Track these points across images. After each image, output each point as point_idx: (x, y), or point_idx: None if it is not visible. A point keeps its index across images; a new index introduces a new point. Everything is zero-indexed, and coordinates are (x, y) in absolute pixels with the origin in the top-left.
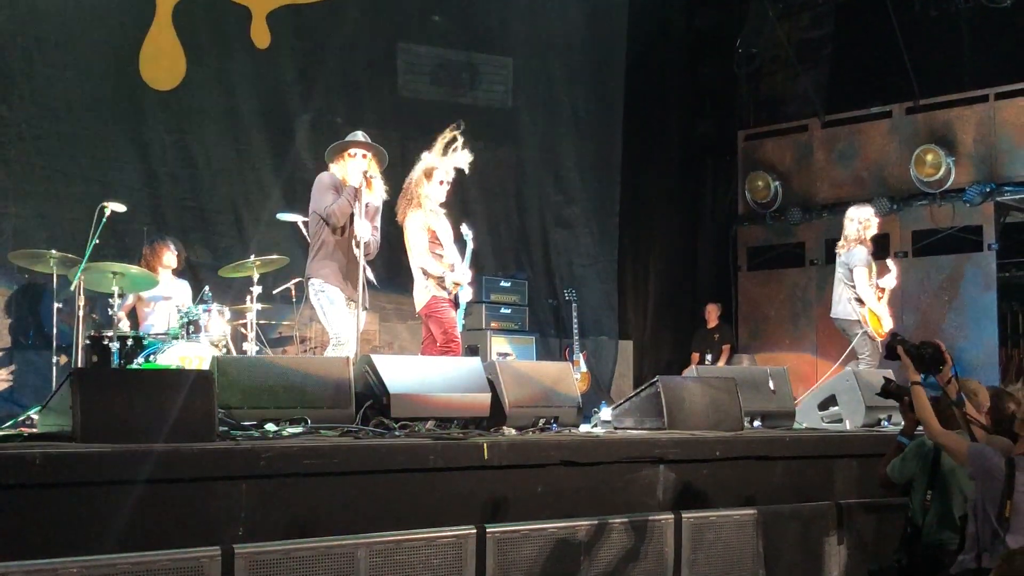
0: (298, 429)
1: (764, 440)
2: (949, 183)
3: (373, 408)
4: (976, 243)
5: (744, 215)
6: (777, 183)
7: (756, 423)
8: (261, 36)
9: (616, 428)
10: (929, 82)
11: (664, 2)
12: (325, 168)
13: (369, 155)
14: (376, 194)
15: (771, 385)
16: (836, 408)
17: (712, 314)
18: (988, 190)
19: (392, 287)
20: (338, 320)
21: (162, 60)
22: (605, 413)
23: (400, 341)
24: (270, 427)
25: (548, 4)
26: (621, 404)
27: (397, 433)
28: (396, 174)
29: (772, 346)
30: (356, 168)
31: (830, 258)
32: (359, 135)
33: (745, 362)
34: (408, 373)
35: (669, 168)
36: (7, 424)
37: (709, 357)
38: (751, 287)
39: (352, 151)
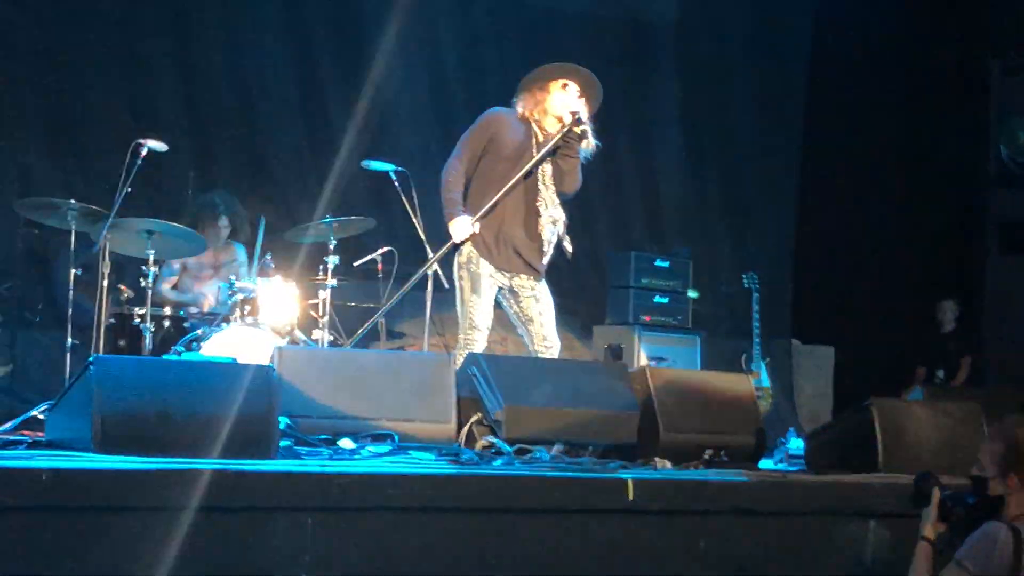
0: (382, 448)
1: None
2: None
3: (481, 424)
4: None
5: (997, 177)
6: None
7: None
8: None
9: (810, 466)
10: None
11: None
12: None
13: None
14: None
15: None
16: None
17: (948, 314)
18: None
19: None
20: (482, 306)
21: None
22: (795, 446)
23: (516, 337)
24: (346, 443)
25: None
26: (818, 434)
27: (512, 460)
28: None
29: None
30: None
31: None
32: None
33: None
34: (529, 380)
35: (883, 111)
36: (5, 427)
37: (942, 372)
38: (1006, 277)
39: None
